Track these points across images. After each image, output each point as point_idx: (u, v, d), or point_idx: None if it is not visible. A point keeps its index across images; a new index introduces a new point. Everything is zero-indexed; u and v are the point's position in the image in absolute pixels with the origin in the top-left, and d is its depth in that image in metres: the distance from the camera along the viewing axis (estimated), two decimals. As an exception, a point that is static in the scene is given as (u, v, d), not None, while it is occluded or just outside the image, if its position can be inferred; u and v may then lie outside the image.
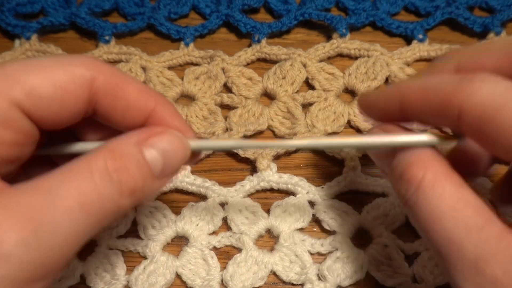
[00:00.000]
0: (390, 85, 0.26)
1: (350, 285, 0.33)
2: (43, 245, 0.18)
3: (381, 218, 0.34)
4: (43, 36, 0.43)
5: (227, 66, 0.41)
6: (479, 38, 0.43)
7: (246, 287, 0.33)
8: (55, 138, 0.25)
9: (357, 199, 0.35)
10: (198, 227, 0.35)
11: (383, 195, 0.35)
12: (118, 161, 0.21)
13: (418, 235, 0.26)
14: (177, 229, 0.35)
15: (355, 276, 0.33)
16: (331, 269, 0.33)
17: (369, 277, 0.33)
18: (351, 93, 0.41)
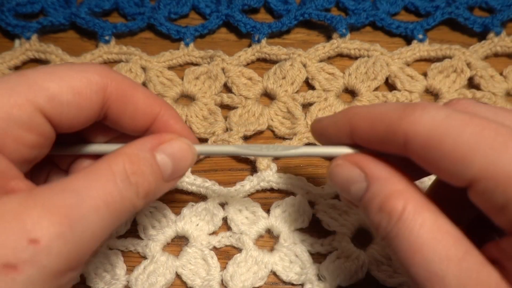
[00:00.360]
0: (340, 111, 0.26)
1: (350, 285, 0.33)
2: (77, 239, 0.20)
3: (381, 218, 0.34)
4: (43, 36, 0.43)
5: (227, 66, 0.41)
6: (479, 38, 0.43)
7: (246, 287, 0.33)
8: (61, 139, 0.26)
9: (357, 199, 0.35)
10: (198, 227, 0.35)
11: (383, 195, 0.35)
12: (135, 165, 0.23)
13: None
14: (177, 229, 0.34)
15: (355, 276, 0.33)
16: (331, 269, 0.33)
17: (369, 277, 0.33)
18: (351, 93, 0.41)
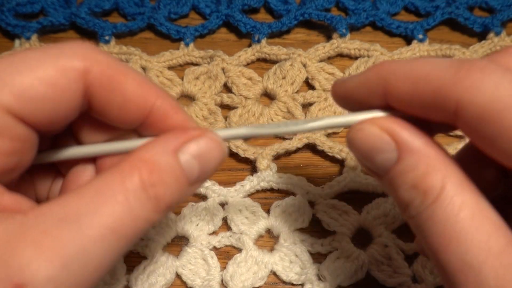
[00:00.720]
0: (370, 68, 0.21)
1: (350, 285, 0.33)
2: (74, 277, 0.18)
3: (381, 218, 0.34)
4: (43, 36, 0.43)
5: (227, 66, 0.41)
6: (479, 38, 0.43)
7: (246, 287, 0.33)
8: (57, 141, 0.24)
9: (357, 199, 0.35)
10: (198, 227, 0.35)
11: (383, 195, 0.35)
12: (155, 175, 0.19)
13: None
14: (177, 229, 0.34)
15: (355, 276, 0.33)
16: (331, 269, 0.33)
17: (369, 277, 0.33)
18: (351, 93, 0.41)
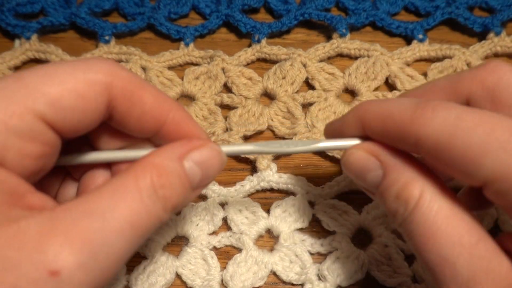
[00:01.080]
0: (350, 111, 0.26)
1: (350, 285, 0.33)
2: (99, 265, 0.19)
3: (381, 218, 0.34)
4: (43, 36, 0.43)
5: (227, 66, 0.41)
6: (479, 38, 0.43)
7: (246, 287, 0.33)
8: (69, 144, 0.25)
9: (357, 199, 0.35)
10: (198, 227, 0.35)
11: (383, 195, 0.35)
12: (164, 178, 0.22)
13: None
14: (177, 229, 0.34)
15: (355, 276, 0.33)
16: (331, 269, 0.33)
17: (369, 277, 0.33)
18: (351, 93, 0.41)
